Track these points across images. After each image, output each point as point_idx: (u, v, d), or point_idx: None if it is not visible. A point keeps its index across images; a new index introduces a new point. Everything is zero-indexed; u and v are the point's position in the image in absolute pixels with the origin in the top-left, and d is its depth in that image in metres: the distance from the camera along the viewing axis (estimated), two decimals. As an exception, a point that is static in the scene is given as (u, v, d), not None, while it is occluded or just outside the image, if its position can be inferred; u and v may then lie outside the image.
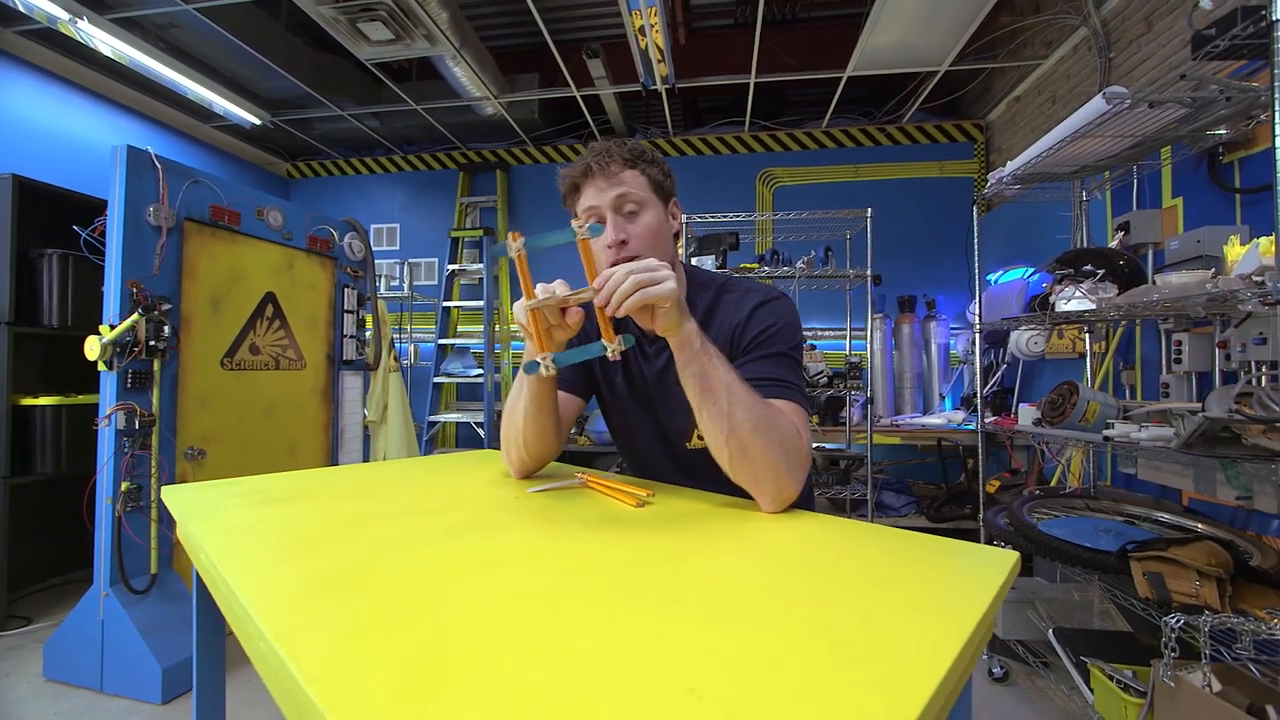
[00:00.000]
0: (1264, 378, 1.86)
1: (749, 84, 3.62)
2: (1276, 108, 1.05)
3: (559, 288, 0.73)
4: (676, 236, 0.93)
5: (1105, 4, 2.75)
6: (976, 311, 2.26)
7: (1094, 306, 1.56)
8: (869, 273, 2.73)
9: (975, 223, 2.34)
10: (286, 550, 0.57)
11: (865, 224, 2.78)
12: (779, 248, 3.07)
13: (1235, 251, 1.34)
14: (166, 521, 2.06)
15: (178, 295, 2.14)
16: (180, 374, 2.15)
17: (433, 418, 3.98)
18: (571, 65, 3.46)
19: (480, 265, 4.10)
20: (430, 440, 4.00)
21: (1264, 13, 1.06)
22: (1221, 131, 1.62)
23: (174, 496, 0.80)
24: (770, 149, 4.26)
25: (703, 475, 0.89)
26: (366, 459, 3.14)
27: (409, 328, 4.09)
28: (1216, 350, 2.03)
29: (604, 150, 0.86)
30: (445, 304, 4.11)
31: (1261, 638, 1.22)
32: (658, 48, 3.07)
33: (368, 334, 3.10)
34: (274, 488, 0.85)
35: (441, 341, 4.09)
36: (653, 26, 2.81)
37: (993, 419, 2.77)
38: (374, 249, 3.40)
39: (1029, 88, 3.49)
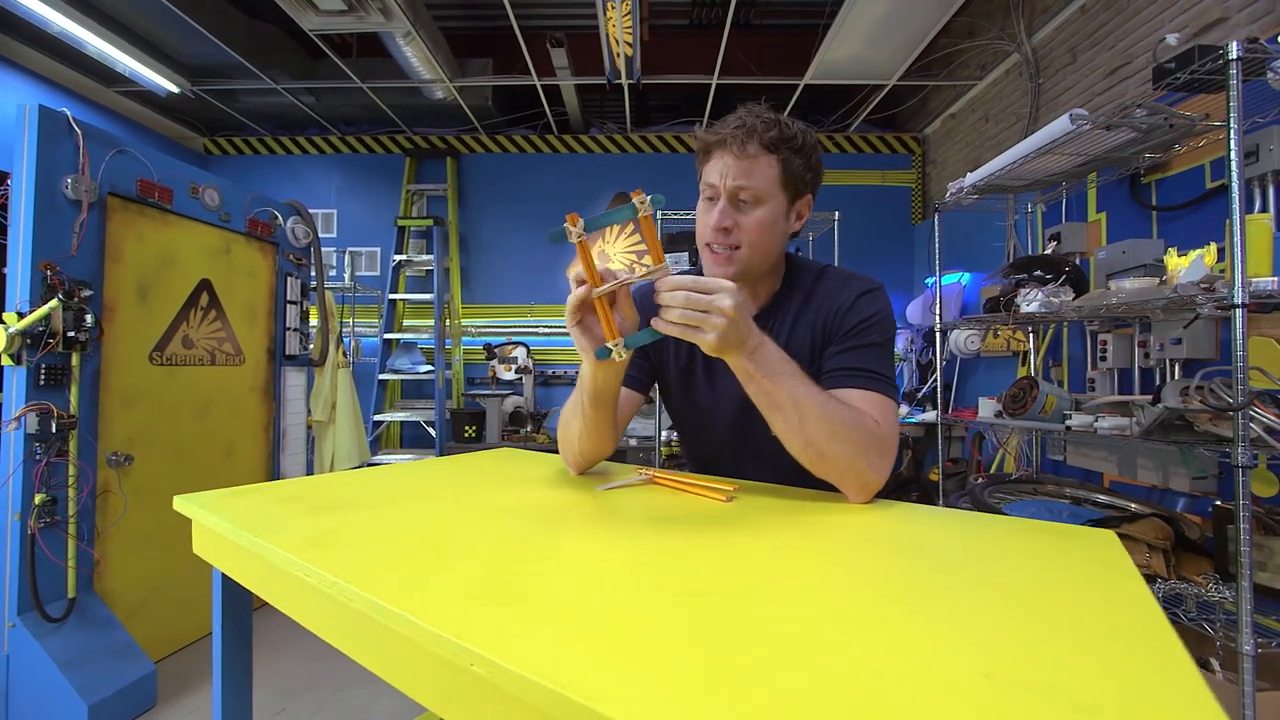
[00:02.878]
0: (1177, 372, 2.13)
1: (708, 85, 3.67)
2: (1232, 136, 1.19)
3: (623, 272, 0.70)
4: (795, 235, 0.90)
5: (1036, 34, 3.02)
6: (936, 311, 2.41)
7: (1047, 308, 1.70)
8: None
9: (936, 228, 2.50)
10: (412, 557, 0.51)
11: (833, 226, 2.90)
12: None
13: (1174, 262, 1.51)
14: (87, 537, 1.81)
15: (100, 280, 1.88)
16: (103, 369, 1.90)
17: (378, 417, 3.75)
18: (532, 54, 3.36)
19: (429, 256, 3.90)
20: (374, 441, 3.76)
21: (1221, 51, 1.20)
22: (1158, 156, 1.82)
23: (195, 507, 0.70)
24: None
25: (781, 460, 0.87)
26: (310, 462, 2.91)
27: (351, 321, 3.83)
28: (1137, 349, 2.30)
29: (748, 125, 0.79)
30: (391, 296, 3.87)
31: (1202, 600, 1.38)
32: (627, 43, 3.04)
33: (313, 327, 2.87)
34: (305, 495, 0.77)
35: (387, 336, 3.85)
36: (625, 20, 2.79)
37: (935, 412, 2.97)
38: (316, 235, 3.14)
39: (964, 106, 3.77)
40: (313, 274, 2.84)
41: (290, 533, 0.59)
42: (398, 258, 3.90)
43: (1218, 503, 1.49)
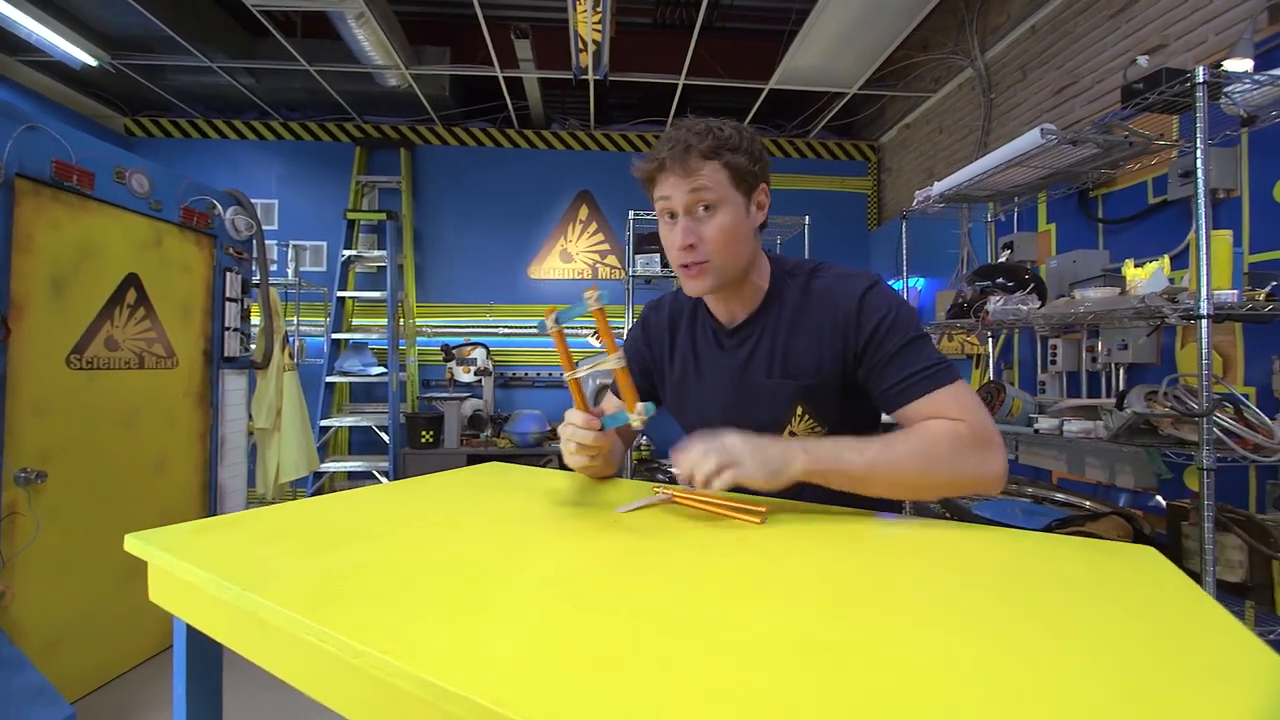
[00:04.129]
0: (1123, 375, 2.26)
1: (671, 85, 3.64)
2: (1198, 155, 1.25)
3: (583, 366, 0.77)
4: (763, 226, 0.88)
5: (989, 51, 3.16)
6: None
7: (1015, 315, 1.77)
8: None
9: (904, 234, 2.56)
10: (448, 609, 0.44)
11: (803, 230, 2.93)
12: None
13: (1133, 273, 1.59)
14: (-8, 566, 1.59)
15: (6, 273, 1.66)
16: (10, 375, 1.67)
17: (325, 422, 3.52)
18: (495, 44, 3.23)
19: (382, 252, 3.70)
20: (321, 448, 3.53)
21: (1188, 75, 1.26)
22: (1110, 172, 1.92)
23: (155, 549, 0.59)
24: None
25: None
26: (253, 473, 2.69)
27: (295, 320, 3.58)
28: (1085, 354, 2.43)
29: (682, 141, 0.77)
30: (340, 294, 3.65)
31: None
32: (595, 39, 2.97)
33: (255, 326, 2.66)
34: (288, 529, 0.67)
35: (335, 336, 3.63)
36: (595, 14, 2.72)
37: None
38: (257, 227, 2.91)
39: (919, 117, 3.91)
40: (255, 269, 2.63)
41: (285, 581, 0.50)
42: (347, 253, 3.67)
43: (1172, 500, 1.57)
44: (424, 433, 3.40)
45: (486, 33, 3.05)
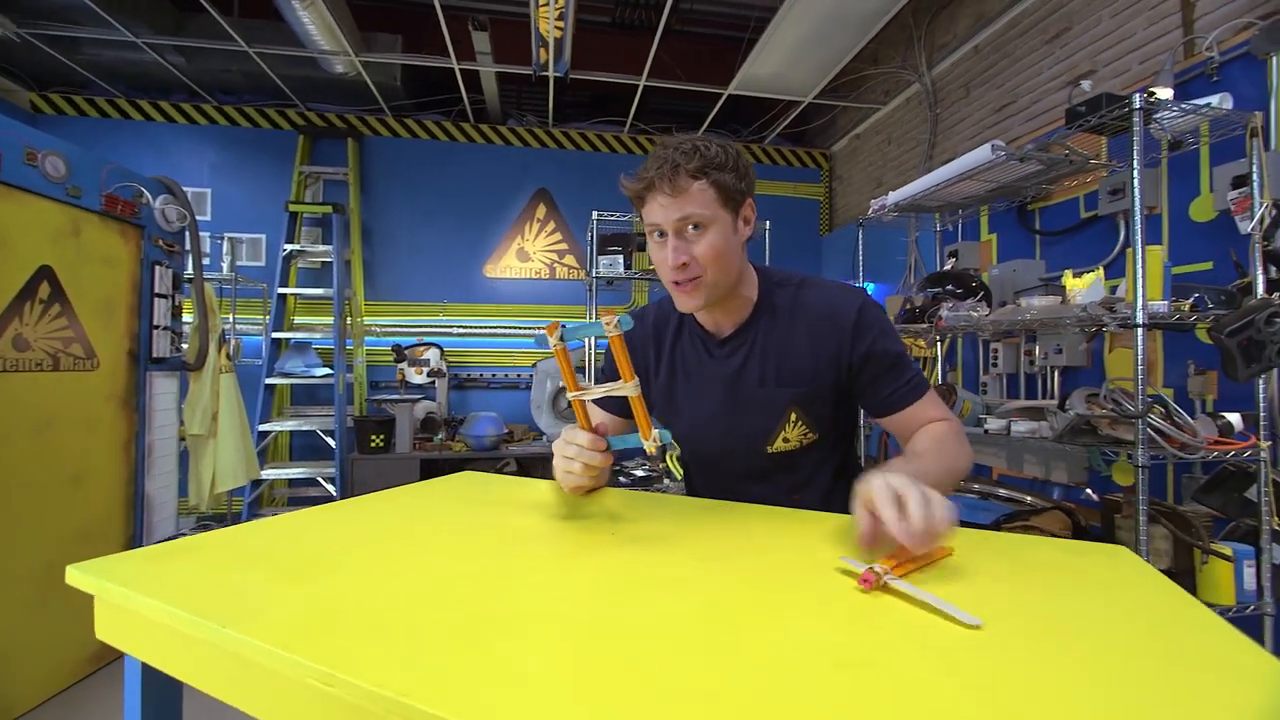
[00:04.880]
0: (1057, 377, 2.42)
1: (628, 84, 3.63)
2: (1135, 175, 1.35)
3: (597, 389, 0.72)
4: (750, 238, 0.89)
5: (935, 67, 3.31)
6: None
7: (967, 321, 1.86)
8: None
9: (860, 240, 2.64)
10: (460, 642, 0.41)
11: (765, 235, 2.98)
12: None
13: (1072, 282, 1.70)
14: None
15: (-107, 264, 1.47)
16: (-102, 379, 1.48)
17: (264, 426, 3.31)
18: (452, 35, 3.13)
19: (328, 247, 3.51)
20: (260, 454, 3.32)
21: (1127, 101, 1.36)
22: (1049, 187, 2.05)
23: (106, 582, 0.53)
24: (647, 151, 4.33)
25: (780, 479, 0.92)
26: (184, 483, 2.50)
27: (231, 318, 3.35)
28: (1023, 357, 2.59)
29: (670, 161, 0.78)
30: (281, 290, 3.44)
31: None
32: (556, 37, 2.93)
33: (187, 324, 2.47)
34: (258, 554, 0.62)
35: (276, 335, 3.42)
36: (558, 9, 2.67)
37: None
38: (189, 218, 2.69)
39: (869, 128, 4.06)
40: (188, 263, 2.44)
41: (269, 615, 0.46)
42: (289, 247, 3.47)
43: (1102, 494, 1.69)
44: (374, 437, 3.26)
45: (443, 23, 2.94)
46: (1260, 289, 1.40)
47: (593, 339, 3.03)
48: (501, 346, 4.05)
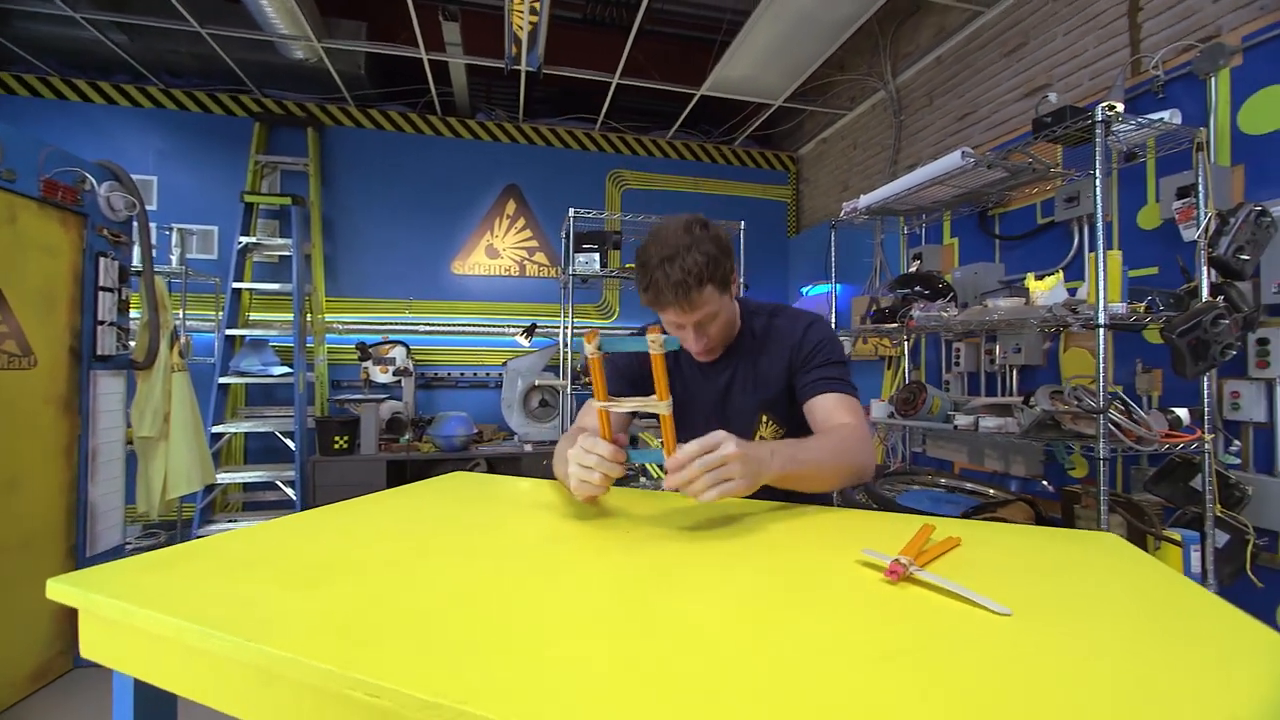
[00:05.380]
0: (1016, 375, 2.53)
1: (599, 81, 3.61)
2: (1097, 184, 1.43)
3: (628, 402, 0.76)
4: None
5: (900, 76, 3.42)
6: (833, 318, 2.61)
7: (937, 321, 1.93)
8: (742, 280, 2.97)
9: (833, 242, 2.70)
10: (515, 641, 0.40)
11: (739, 235, 3.01)
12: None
13: (1035, 285, 1.79)
14: None
15: None
16: None
17: (218, 428, 3.14)
18: (421, 24, 3.04)
19: (286, 240, 3.36)
20: (214, 457, 3.14)
21: (1089, 113, 1.44)
22: (1010, 194, 2.14)
23: (94, 594, 0.49)
24: (619, 151, 4.33)
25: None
26: (132, 489, 2.35)
27: (181, 314, 3.16)
28: (984, 356, 2.70)
29: (684, 284, 0.88)
30: (236, 285, 3.27)
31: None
32: (529, 30, 2.88)
33: (135, 320, 2.32)
34: (254, 560, 0.58)
35: (230, 332, 3.25)
36: (533, 3, 2.63)
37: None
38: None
39: (835, 132, 4.16)
40: (136, 254, 2.29)
41: (291, 625, 0.43)
42: (244, 240, 3.30)
43: (1060, 485, 1.78)
44: (337, 438, 3.14)
45: (412, 11, 2.86)
46: (1205, 292, 1.50)
47: (581, 346, 2.99)
48: (470, 345, 3.96)
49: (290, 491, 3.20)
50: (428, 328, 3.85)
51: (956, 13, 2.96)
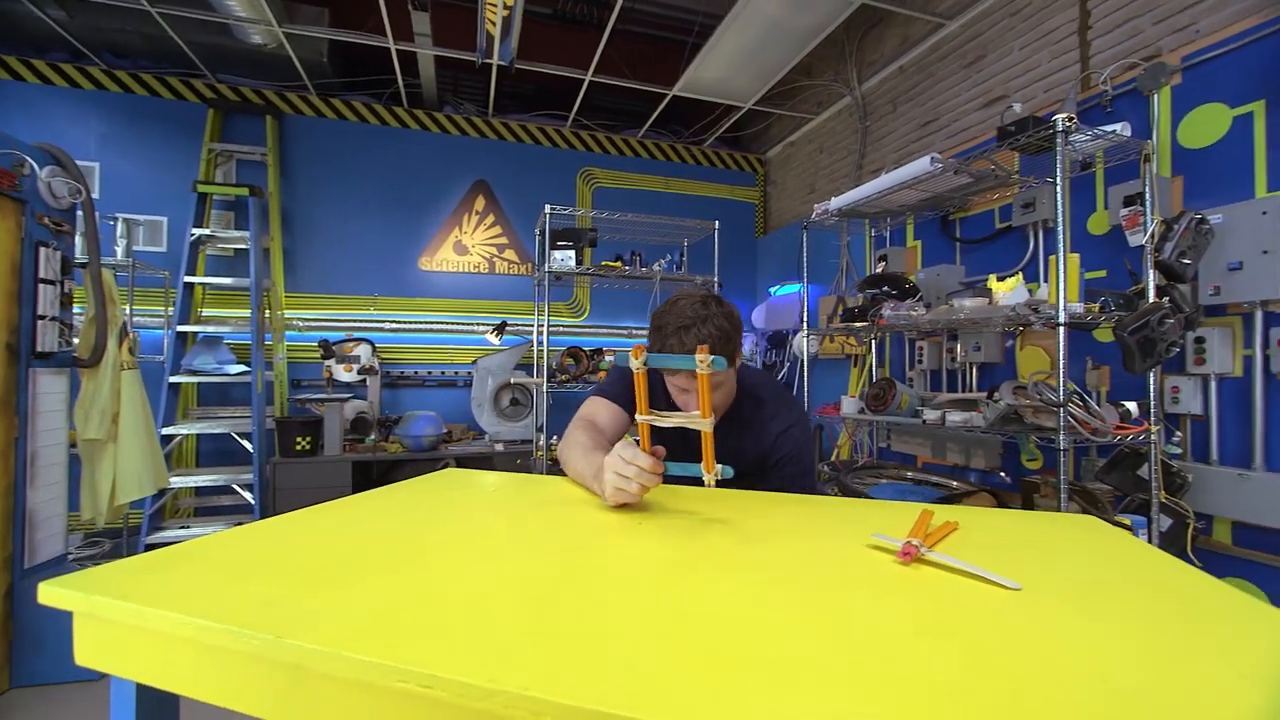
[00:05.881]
0: (975, 373, 2.65)
1: (570, 78, 3.60)
2: (1059, 191, 1.51)
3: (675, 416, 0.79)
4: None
5: (865, 83, 3.52)
6: (804, 317, 2.68)
7: (906, 320, 2.01)
8: (716, 279, 3.00)
9: (804, 243, 2.77)
10: (571, 627, 0.40)
11: (713, 234, 3.05)
12: (636, 249, 3.15)
13: (997, 286, 1.88)
14: None
15: None
16: None
17: (168, 430, 2.98)
18: (389, 11, 2.96)
19: (242, 233, 3.21)
20: (165, 458, 2.98)
21: (1051, 124, 1.52)
22: (971, 198, 2.24)
23: (87, 596, 0.46)
24: (590, 149, 4.31)
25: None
26: (75, 495, 2.20)
27: (128, 309, 2.98)
28: (945, 354, 2.82)
29: (704, 339, 0.94)
30: (188, 279, 3.11)
31: (1020, 557, 1.73)
32: (503, 22, 2.84)
33: (79, 315, 2.18)
34: (259, 559, 0.56)
35: (182, 328, 3.09)
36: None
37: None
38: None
39: (802, 136, 4.26)
40: (79, 245, 2.15)
41: (323, 622, 0.42)
42: (197, 231, 3.14)
43: (1020, 477, 1.88)
44: (299, 439, 3.02)
45: (381, -1, 2.78)
46: (1151, 294, 1.61)
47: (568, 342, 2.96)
48: (438, 343, 3.88)
49: (248, 495, 3.07)
50: (394, 325, 3.75)
51: (919, 24, 3.07)
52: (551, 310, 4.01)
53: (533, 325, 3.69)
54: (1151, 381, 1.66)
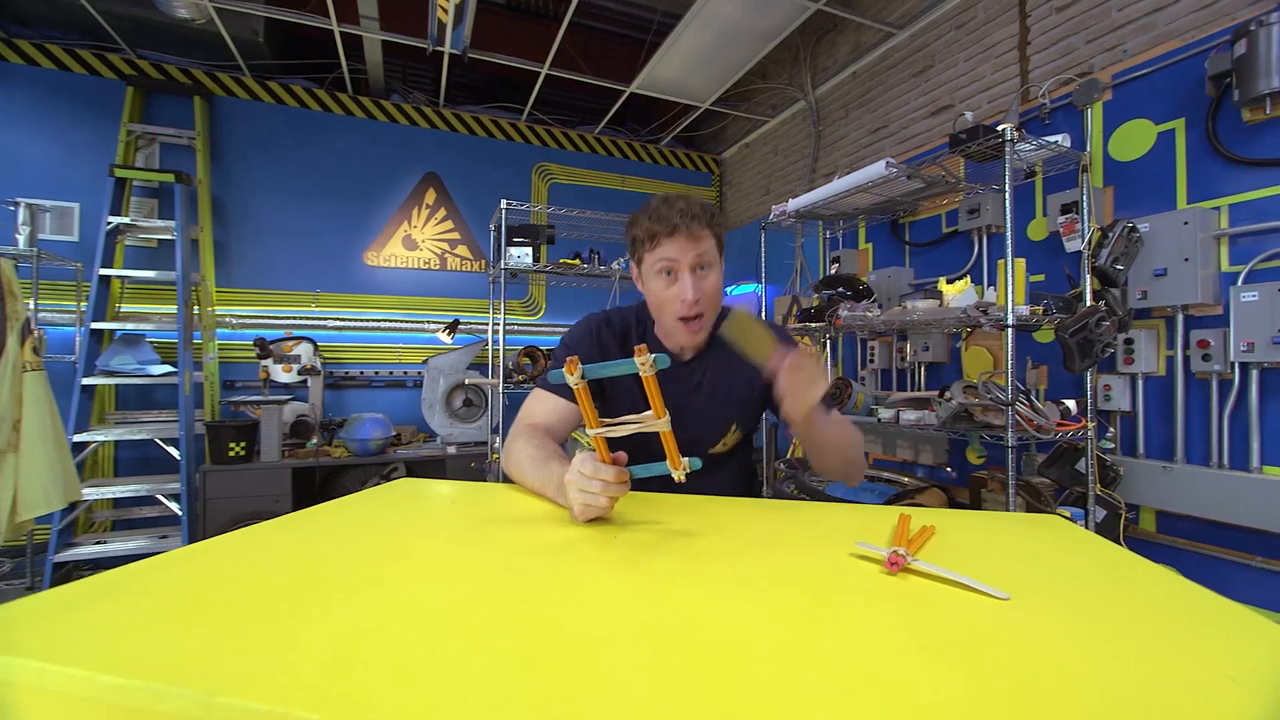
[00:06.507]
0: (924, 372, 2.75)
1: (524, 70, 3.51)
2: (1007, 197, 1.57)
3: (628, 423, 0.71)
4: None
5: (819, 88, 3.60)
6: (762, 317, 2.70)
7: (862, 321, 2.05)
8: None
9: (763, 245, 2.79)
10: (563, 670, 0.36)
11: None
12: (595, 246, 3.10)
13: (948, 289, 1.94)
14: None
15: None
16: None
17: (81, 436, 2.72)
18: (332, -9, 2.80)
19: (168, 222, 2.97)
20: (77, 468, 2.72)
21: (1000, 133, 1.58)
22: (921, 203, 2.32)
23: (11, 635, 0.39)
24: (546, 144, 4.23)
25: (707, 476, 1.02)
26: (-30, 510, 1.97)
27: (33, 304, 2.70)
28: (895, 354, 2.91)
29: (688, 211, 0.92)
30: (104, 272, 2.84)
31: (969, 550, 1.80)
32: (456, 10, 2.74)
33: (-27, 311, 1.95)
34: (195, 590, 0.50)
35: (97, 326, 2.82)
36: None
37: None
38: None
39: (757, 138, 4.31)
40: (-26, 233, 1.93)
41: (275, 671, 0.37)
42: (114, 220, 2.88)
43: (973, 473, 1.95)
44: (233, 444, 2.82)
45: (324, -24, 2.62)
46: (1088, 297, 1.70)
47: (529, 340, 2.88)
48: (385, 341, 3.71)
49: (174, 506, 2.84)
50: (338, 322, 3.57)
51: (871, 32, 3.15)
52: (507, 308, 3.92)
53: (487, 324, 3.59)
54: (1088, 380, 1.76)
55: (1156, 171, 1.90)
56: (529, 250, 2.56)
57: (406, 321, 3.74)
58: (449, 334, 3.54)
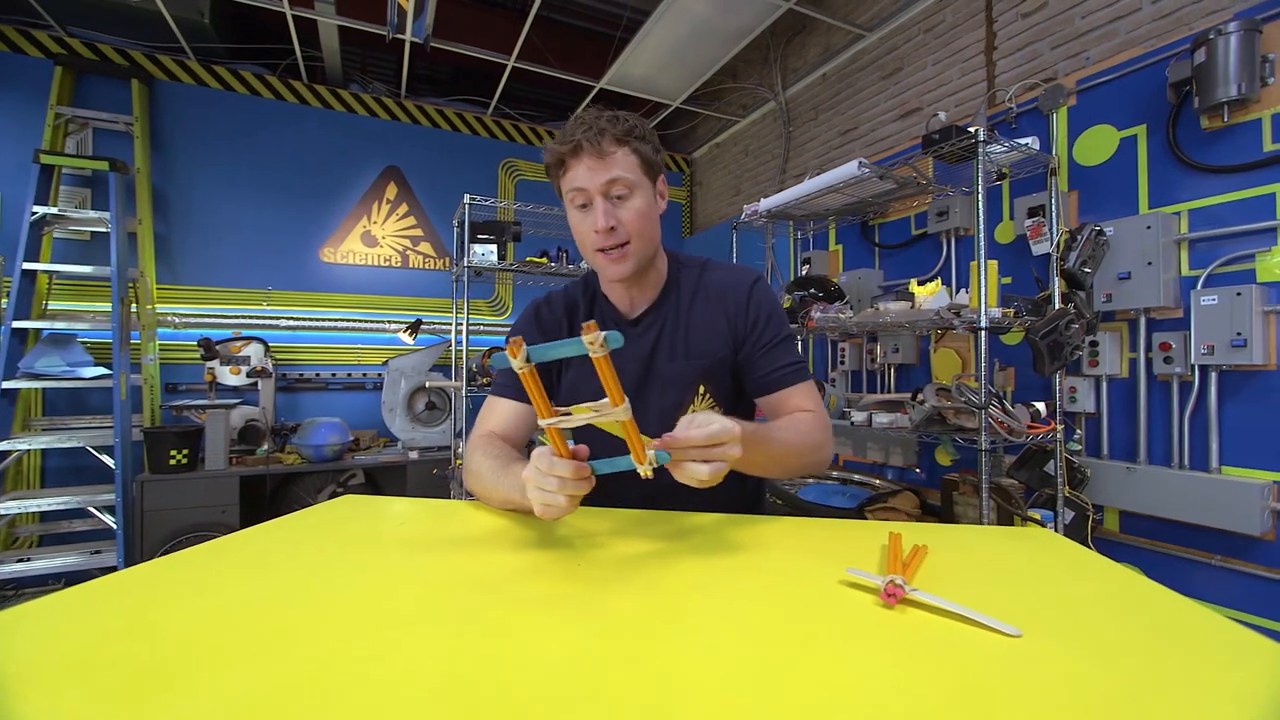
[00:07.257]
0: (893, 374, 2.75)
1: (489, 62, 3.40)
2: (980, 197, 1.56)
3: (584, 415, 0.60)
4: (662, 214, 0.91)
5: (789, 89, 3.59)
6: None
7: (835, 322, 2.03)
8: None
9: (734, 245, 2.74)
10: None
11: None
12: (563, 245, 3.01)
13: (919, 290, 1.93)
14: None
15: None
16: None
17: (3, 445, 2.50)
18: (284, -29, 2.65)
19: (101, 214, 2.76)
20: (-4, 480, 2.50)
21: (971, 134, 1.57)
22: (892, 204, 2.31)
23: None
24: (513, 139, 4.12)
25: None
26: None
27: (-57, 300, 2.47)
28: (865, 355, 2.91)
29: (594, 125, 0.80)
30: (27, 266, 2.62)
31: (941, 554, 1.79)
32: (418, -6, 2.62)
33: None
34: (131, 622, 0.41)
35: (20, 324, 2.60)
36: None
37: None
38: None
39: (728, 138, 4.29)
40: None
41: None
42: (39, 210, 2.65)
43: (944, 475, 1.95)
44: (174, 452, 2.64)
45: (274, -45, 2.47)
46: (1057, 300, 1.71)
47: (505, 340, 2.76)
48: (343, 342, 3.55)
49: (109, 519, 2.64)
50: (291, 322, 3.39)
51: (841, 34, 3.16)
52: (472, 308, 3.80)
53: (451, 324, 3.46)
54: (1055, 383, 1.77)
55: (1119, 176, 1.93)
56: (494, 248, 2.46)
57: (366, 321, 3.59)
58: (411, 334, 3.40)
